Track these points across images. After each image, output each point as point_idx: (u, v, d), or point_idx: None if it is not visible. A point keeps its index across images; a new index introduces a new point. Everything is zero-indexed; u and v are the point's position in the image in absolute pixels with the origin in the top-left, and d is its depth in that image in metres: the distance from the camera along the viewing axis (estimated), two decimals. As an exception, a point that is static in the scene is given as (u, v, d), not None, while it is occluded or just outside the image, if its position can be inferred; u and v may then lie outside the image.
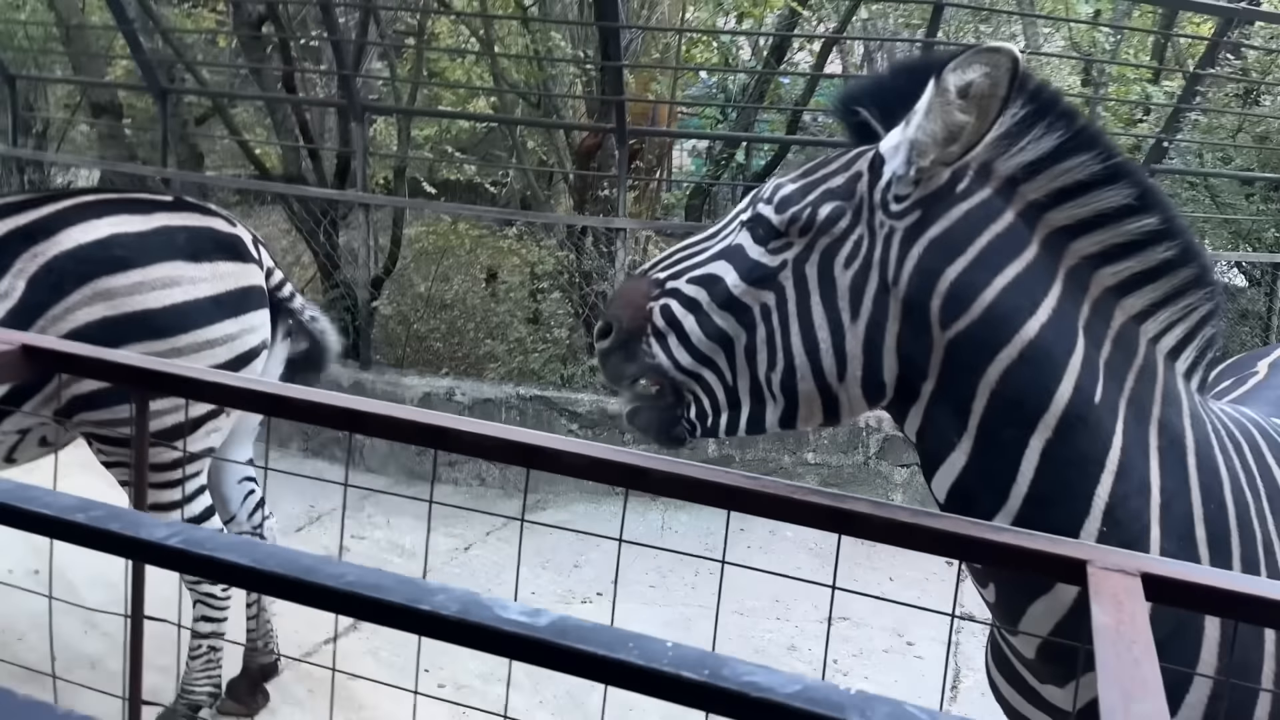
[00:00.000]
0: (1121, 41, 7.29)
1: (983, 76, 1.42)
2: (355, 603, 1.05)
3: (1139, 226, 1.54)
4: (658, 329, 1.64)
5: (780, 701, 0.91)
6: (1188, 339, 1.62)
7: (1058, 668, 1.64)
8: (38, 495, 1.21)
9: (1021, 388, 1.52)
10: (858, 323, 1.56)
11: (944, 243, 1.53)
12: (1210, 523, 1.58)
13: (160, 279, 2.97)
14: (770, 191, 1.62)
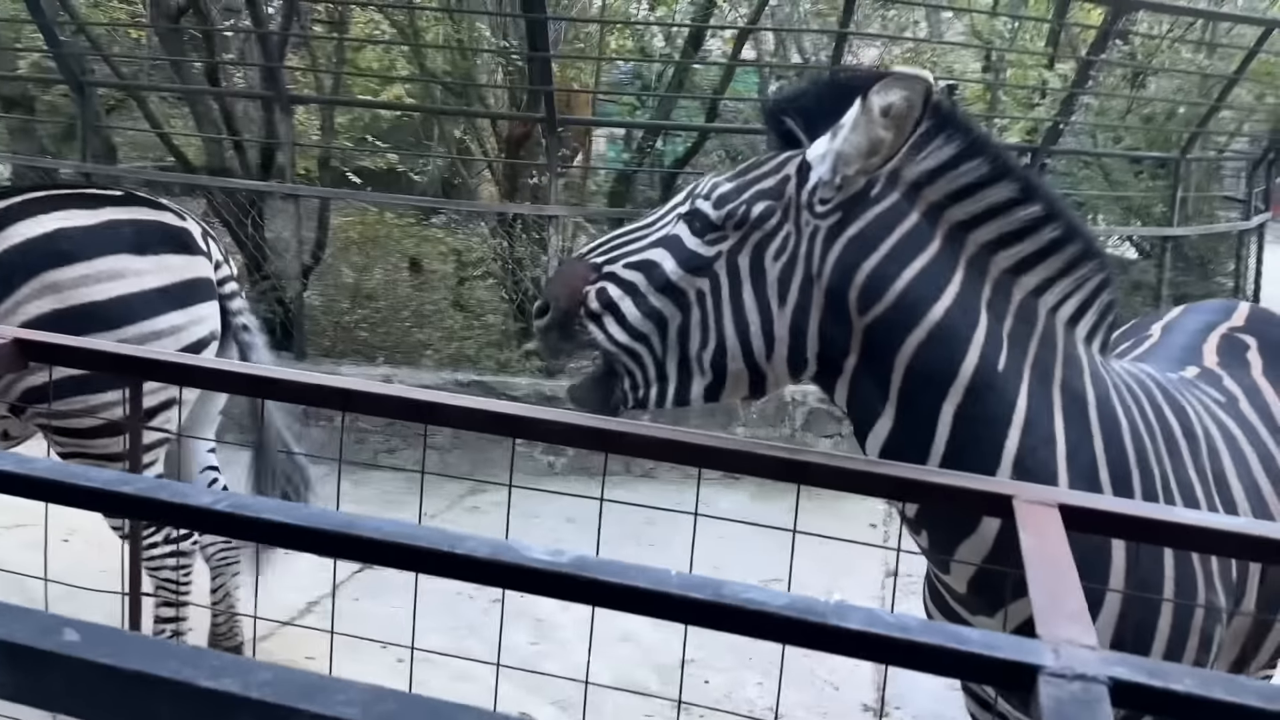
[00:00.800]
0: (1019, 29, 7.66)
1: (902, 99, 1.63)
2: (397, 552, 1.19)
3: (1026, 214, 1.78)
4: (592, 310, 1.80)
5: (773, 612, 1.09)
6: (1084, 307, 1.86)
7: (986, 597, 1.87)
8: (82, 470, 1.32)
9: (932, 362, 1.75)
10: (785, 309, 1.77)
11: (860, 240, 1.76)
12: (1112, 465, 1.83)
13: (105, 271, 3.03)
14: (708, 189, 1.81)
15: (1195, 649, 1.86)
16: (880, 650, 1.06)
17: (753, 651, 4.01)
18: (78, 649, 0.89)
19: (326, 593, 4.35)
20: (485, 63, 7.31)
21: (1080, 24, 7.72)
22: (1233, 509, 1.96)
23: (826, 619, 1.07)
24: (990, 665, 0.99)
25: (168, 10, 6.45)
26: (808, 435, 5.97)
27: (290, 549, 1.30)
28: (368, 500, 5.41)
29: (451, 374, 5.93)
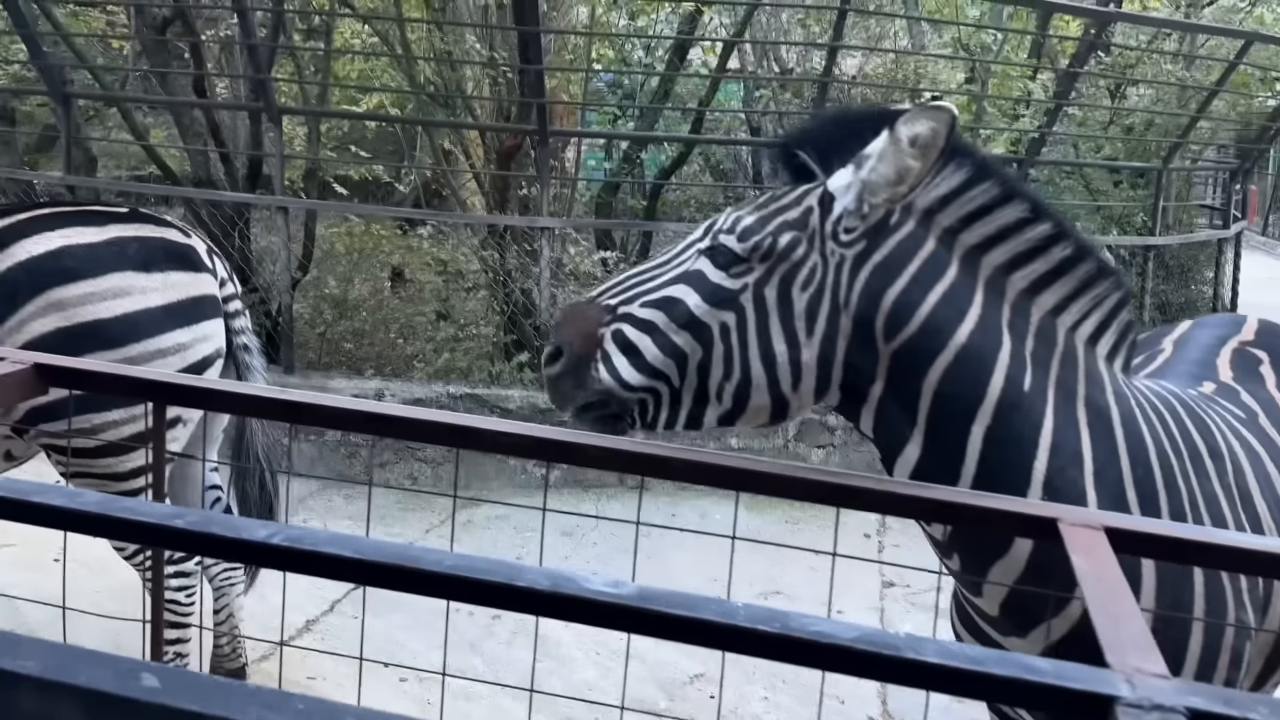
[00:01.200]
0: (1005, 42, 7.74)
1: (928, 129, 1.66)
2: (457, 585, 1.17)
3: (1036, 234, 1.80)
4: (607, 353, 1.78)
5: (846, 645, 1.08)
6: (1103, 326, 1.88)
7: (1018, 619, 1.88)
8: (131, 505, 1.29)
9: (959, 384, 1.76)
10: (812, 339, 1.77)
11: (885, 267, 1.77)
12: (1139, 484, 1.84)
13: (110, 289, 3.00)
14: (730, 223, 1.81)
15: (1226, 667, 1.87)
16: (955, 682, 1.05)
17: (756, 666, 4.01)
18: (159, 695, 0.87)
19: (324, 610, 4.31)
20: (472, 74, 7.29)
21: (1064, 36, 7.81)
22: (1259, 527, 1.98)
23: (901, 652, 1.06)
24: (1064, 696, 0.99)
25: (152, 21, 6.39)
26: (800, 445, 5.99)
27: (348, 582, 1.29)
28: (360, 516, 5.37)
29: (444, 387, 5.89)
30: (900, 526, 5.58)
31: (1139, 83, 8.51)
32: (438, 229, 7.79)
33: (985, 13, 7.93)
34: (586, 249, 7.21)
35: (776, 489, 1.70)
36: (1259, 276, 15.35)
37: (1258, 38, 7.38)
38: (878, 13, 7.37)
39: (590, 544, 5.12)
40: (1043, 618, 1.83)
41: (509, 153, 6.39)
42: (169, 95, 6.47)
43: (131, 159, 9.37)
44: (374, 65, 7.89)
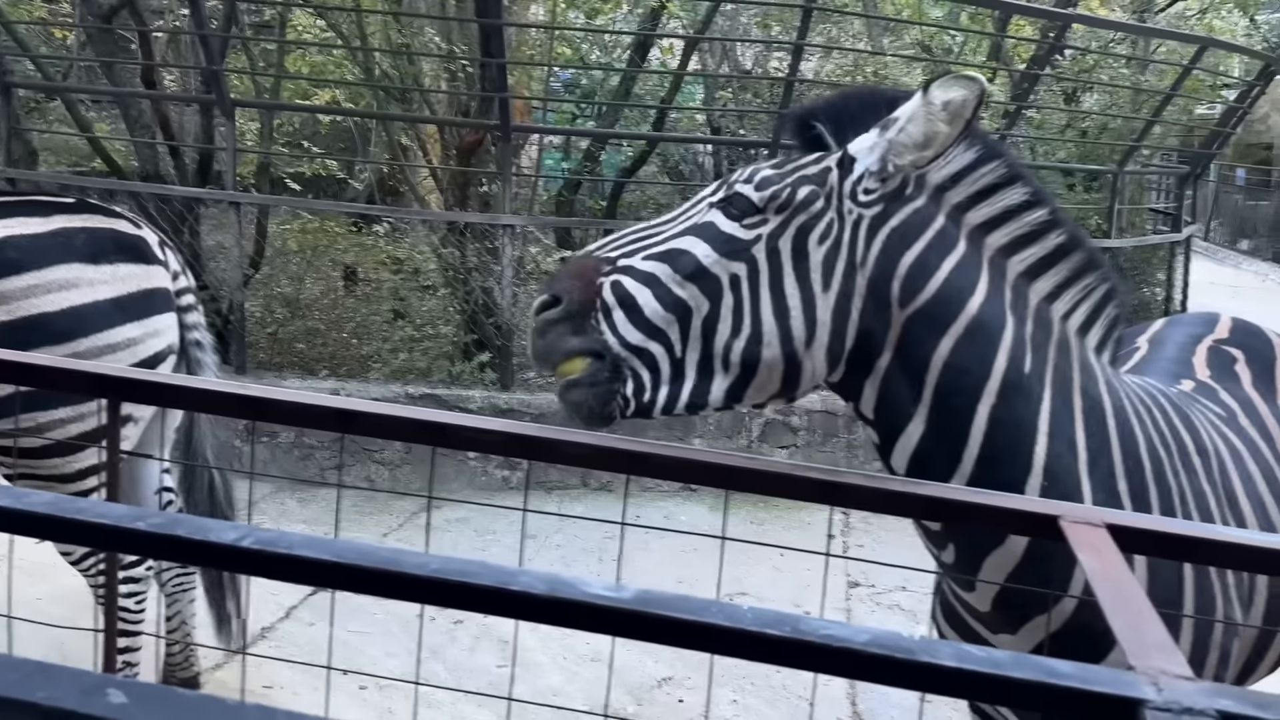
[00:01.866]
0: (964, 44, 7.79)
1: (961, 95, 1.63)
2: (443, 589, 1.09)
3: (1035, 218, 1.79)
4: (606, 304, 1.67)
5: (858, 649, 1.02)
6: (1093, 317, 1.86)
7: (1010, 614, 1.84)
8: (88, 506, 1.19)
9: (968, 359, 1.72)
10: (829, 294, 1.71)
11: (901, 233, 1.73)
12: (1130, 476, 1.82)
13: (56, 281, 2.87)
14: (748, 174, 1.75)
15: (1215, 664, 1.86)
16: (973, 687, 1.01)
17: (724, 668, 3.95)
18: (128, 713, 0.79)
19: (280, 618, 4.19)
20: (430, 68, 7.18)
21: (1024, 39, 7.88)
22: (1242, 523, 1.97)
23: (916, 656, 1.02)
24: (1088, 700, 0.95)
25: (98, 10, 6.19)
26: (764, 446, 5.96)
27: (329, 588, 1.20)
28: (316, 519, 5.25)
29: (402, 387, 5.78)
30: (864, 527, 5.57)
31: (1094, 86, 8.62)
32: (394, 226, 7.65)
33: (945, 14, 7.97)
34: (547, 248, 7.13)
35: (763, 486, 1.64)
36: (1203, 281, 15.69)
37: (1211, 43, 7.50)
38: (842, 11, 7.36)
39: (553, 546, 5.04)
40: (1035, 613, 1.80)
41: (469, 149, 6.29)
42: (115, 87, 6.27)
43: (74, 152, 9.10)
44: (328, 58, 7.74)
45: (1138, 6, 9.38)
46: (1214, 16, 10.08)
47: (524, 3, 8.27)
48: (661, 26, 7.93)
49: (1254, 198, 25.23)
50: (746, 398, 1.75)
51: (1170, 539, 1.48)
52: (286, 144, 8.00)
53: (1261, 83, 8.41)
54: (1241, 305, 15.16)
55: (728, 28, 9.24)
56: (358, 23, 6.54)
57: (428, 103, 6.93)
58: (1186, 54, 7.49)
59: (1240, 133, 24.29)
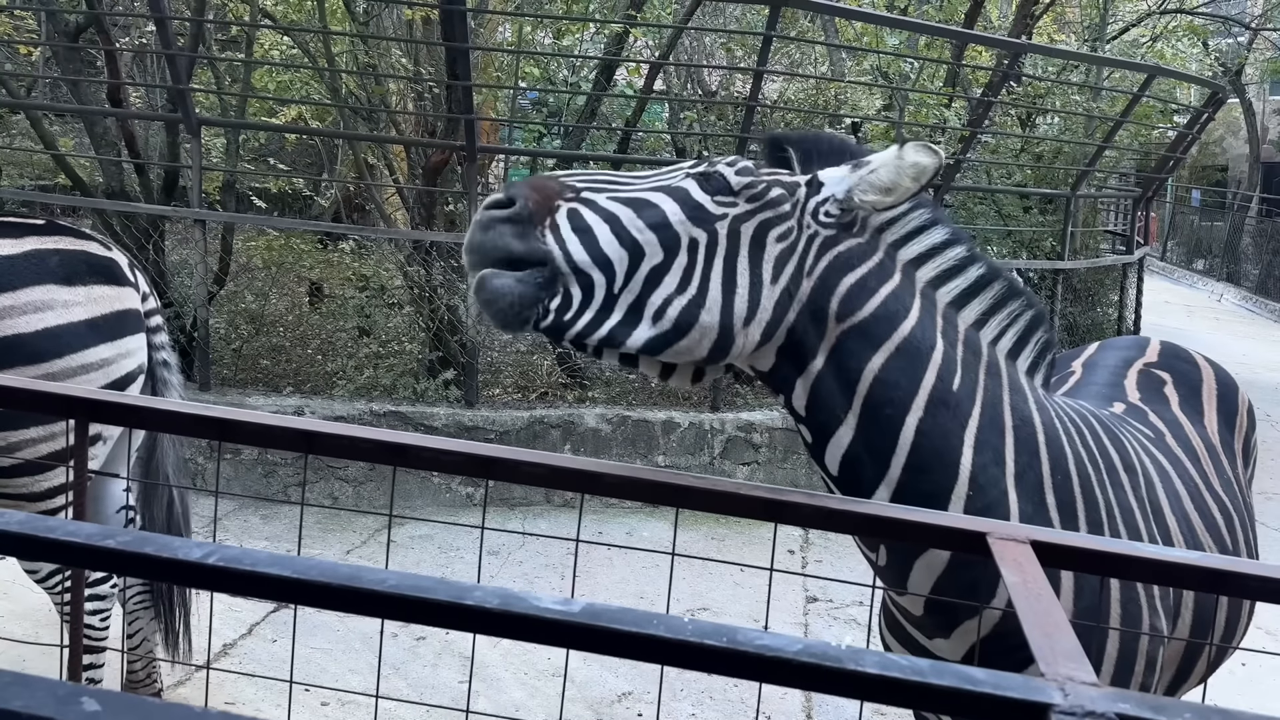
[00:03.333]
0: (921, 70, 7.96)
1: (928, 161, 1.80)
2: (401, 605, 1.15)
3: (955, 255, 1.95)
4: (558, 225, 1.70)
5: (789, 658, 1.09)
6: (1021, 342, 1.99)
7: (941, 618, 1.94)
8: (58, 524, 1.24)
9: (899, 374, 1.84)
10: (775, 286, 1.81)
11: (846, 258, 1.87)
12: (1058, 490, 1.93)
13: (31, 303, 2.89)
14: (731, 159, 1.88)
15: (1142, 672, 1.95)
16: (895, 693, 1.07)
17: (684, 683, 4.02)
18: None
19: (242, 634, 4.20)
20: (396, 88, 7.23)
21: (975, 65, 8.07)
22: (1169, 539, 2.08)
23: (842, 663, 1.08)
24: (1001, 705, 1.02)
25: (64, 27, 6.19)
26: (725, 462, 6.04)
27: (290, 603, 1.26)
28: (279, 536, 5.27)
29: (366, 404, 5.80)
30: (823, 543, 5.67)
31: (1048, 112, 8.82)
32: (360, 243, 7.68)
33: (903, 42, 8.15)
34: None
35: (711, 504, 1.71)
36: (1158, 300, 16.03)
37: (1160, 71, 7.73)
38: (800, 39, 7.50)
39: (516, 562, 5.09)
40: (965, 617, 1.89)
41: (436, 168, 6.34)
42: (81, 103, 6.27)
43: (37, 167, 9.05)
44: (294, 77, 7.77)
45: (1091, 34, 9.62)
46: (1165, 44, 10.35)
47: (491, 24, 8.36)
48: (627, 48, 8.04)
49: (1209, 219, 25.80)
50: (665, 355, 1.78)
51: (1091, 555, 1.57)
52: (252, 161, 8.03)
53: (1210, 109, 8.67)
54: (1195, 323, 15.50)
55: (693, 47, 9.39)
56: (324, 43, 6.58)
57: (394, 122, 6.99)
58: (1138, 81, 7.71)
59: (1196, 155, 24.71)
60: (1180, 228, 26.64)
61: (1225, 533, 2.30)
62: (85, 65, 6.64)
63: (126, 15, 6.45)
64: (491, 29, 8.29)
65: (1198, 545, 2.15)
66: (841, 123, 8.31)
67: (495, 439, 5.61)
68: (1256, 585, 1.51)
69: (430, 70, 6.56)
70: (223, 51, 8.15)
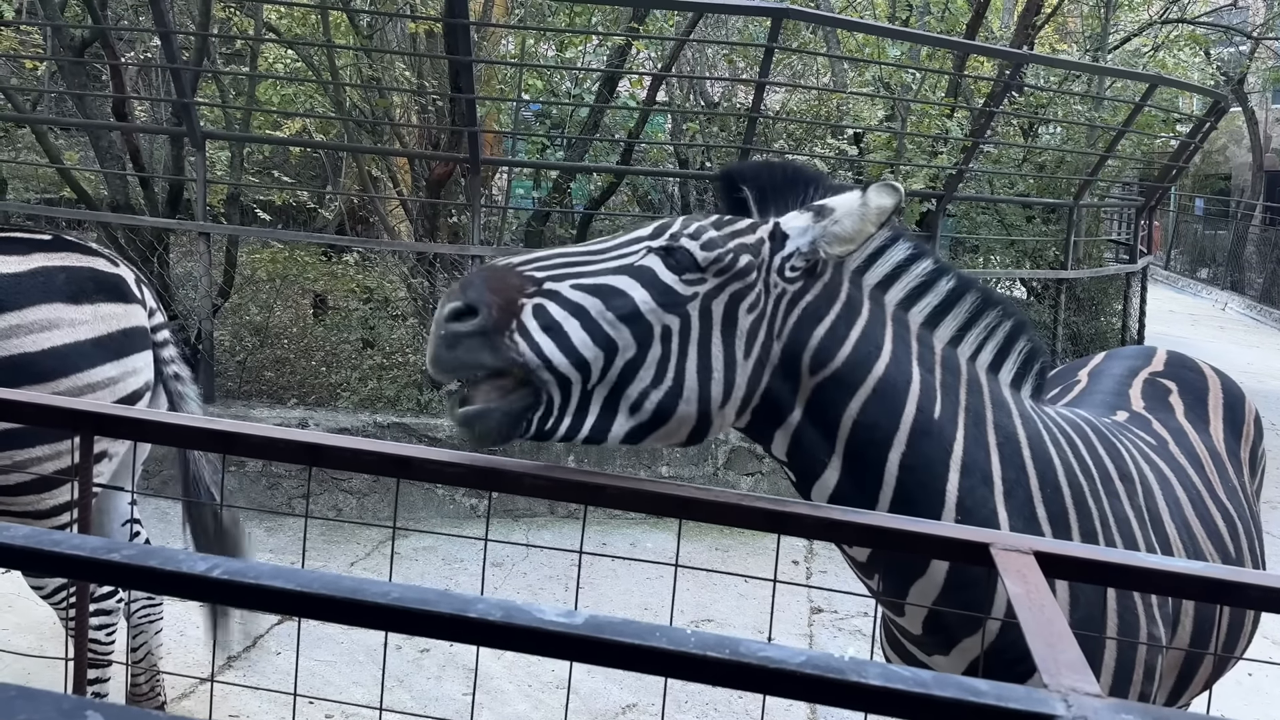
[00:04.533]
0: (923, 81, 7.98)
1: (890, 203, 1.77)
2: (404, 617, 1.15)
3: (922, 270, 1.93)
4: (525, 326, 1.64)
5: (792, 670, 1.09)
6: (1002, 354, 1.98)
7: (939, 637, 1.94)
8: (64, 538, 1.25)
9: (877, 415, 1.84)
10: (749, 361, 1.81)
11: (814, 307, 1.85)
12: (1048, 503, 1.93)
13: (39, 321, 2.89)
14: (693, 230, 1.80)
15: (1140, 681, 1.95)
16: (898, 705, 1.07)
17: (688, 694, 4.01)
18: (103, 734, 0.85)
19: (247, 646, 4.20)
20: (400, 101, 7.26)
21: (977, 76, 8.08)
22: (1168, 547, 2.07)
23: (845, 675, 1.08)
24: (1004, 716, 1.02)
25: (69, 41, 6.23)
26: (730, 473, 6.04)
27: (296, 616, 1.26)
28: (283, 548, 5.27)
29: (370, 416, 5.81)
30: (827, 553, 5.66)
31: (1050, 122, 8.83)
32: (364, 255, 7.70)
33: (905, 53, 8.17)
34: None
35: (714, 516, 1.72)
36: (1162, 309, 16.01)
37: (1161, 81, 7.73)
38: (802, 50, 7.52)
39: (520, 574, 5.09)
40: (963, 635, 1.90)
41: (439, 180, 6.36)
42: (86, 117, 6.30)
43: (42, 181, 9.09)
44: (298, 90, 7.81)
45: (1092, 44, 9.63)
46: (1167, 54, 10.36)
47: (494, 37, 8.39)
48: (630, 60, 8.07)
49: (1212, 227, 25.78)
50: (647, 440, 1.78)
51: (1094, 565, 1.57)
52: (257, 173, 8.05)
53: (1212, 118, 8.67)
54: (1200, 332, 15.48)
55: (696, 59, 9.41)
56: (328, 56, 6.62)
57: (398, 135, 7.02)
58: (1139, 90, 7.72)
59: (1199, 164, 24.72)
60: (1184, 236, 26.63)
61: (1229, 541, 2.29)
62: (90, 79, 6.68)
63: (131, 30, 6.48)
64: (494, 42, 8.33)
65: (1198, 553, 2.14)
66: (844, 133, 8.33)
67: (499, 451, 5.61)
68: (1258, 595, 1.50)
69: (434, 83, 6.59)
70: (227, 65, 8.19)
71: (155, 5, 5.34)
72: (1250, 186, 24.41)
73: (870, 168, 7.79)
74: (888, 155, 7.75)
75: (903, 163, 7.48)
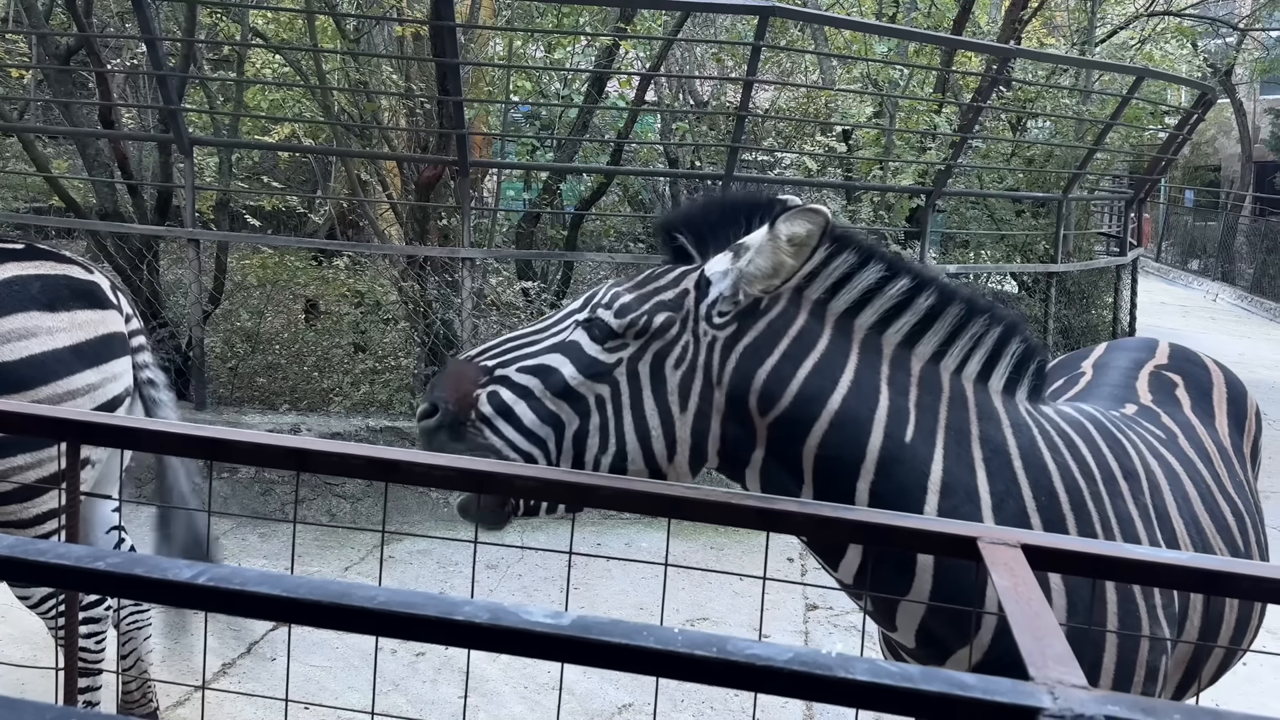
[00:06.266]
0: (911, 77, 7.99)
1: (805, 229, 1.74)
2: (391, 621, 1.15)
3: (898, 289, 1.89)
4: (484, 414, 1.81)
5: (780, 667, 1.10)
6: (992, 361, 1.95)
7: (932, 649, 1.94)
8: (48, 547, 1.24)
9: (839, 446, 1.84)
10: (686, 414, 1.84)
11: (754, 348, 1.85)
12: (1044, 510, 1.90)
13: (15, 330, 2.88)
14: (609, 299, 1.86)
15: (1142, 682, 1.93)
16: (886, 700, 1.08)
17: (684, 694, 4.01)
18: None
19: (241, 653, 4.19)
20: (388, 104, 7.26)
21: (968, 72, 8.10)
22: (1174, 545, 2.04)
23: (832, 671, 1.08)
24: (991, 709, 1.02)
25: (55, 49, 6.21)
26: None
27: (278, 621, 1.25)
28: (276, 554, 5.26)
29: (363, 420, 5.80)
30: (822, 550, 5.65)
31: (1038, 116, 8.85)
32: (354, 260, 7.70)
33: (892, 49, 8.19)
34: (508, 279, 7.20)
35: (705, 514, 1.72)
36: (1154, 301, 16.06)
37: (1149, 74, 7.76)
38: (790, 48, 7.53)
39: (515, 576, 5.08)
40: (957, 647, 1.89)
41: (428, 183, 6.36)
42: (73, 125, 6.29)
43: (30, 190, 9.07)
44: (286, 95, 7.80)
45: (1079, 38, 9.66)
46: (1154, 46, 10.39)
47: (482, 39, 8.39)
48: (619, 60, 8.07)
49: (1203, 219, 25.85)
50: None
51: (1080, 557, 1.57)
52: (246, 179, 8.04)
53: (1200, 110, 8.70)
54: (1191, 323, 15.52)
55: (684, 58, 9.42)
56: (316, 60, 6.61)
57: (386, 139, 7.01)
58: (1127, 83, 7.74)
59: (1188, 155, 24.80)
60: (1174, 228, 26.71)
61: (1237, 535, 2.27)
62: (77, 87, 6.67)
63: (117, 37, 6.46)
64: (482, 44, 8.33)
65: (1207, 549, 2.12)
66: (832, 131, 8.34)
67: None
68: (1248, 586, 1.51)
69: (421, 86, 6.58)
70: (214, 71, 8.17)
71: (140, 11, 5.34)
72: (1240, 178, 24.49)
73: (859, 164, 7.80)
74: (876, 152, 7.76)
75: (891, 159, 7.49)
